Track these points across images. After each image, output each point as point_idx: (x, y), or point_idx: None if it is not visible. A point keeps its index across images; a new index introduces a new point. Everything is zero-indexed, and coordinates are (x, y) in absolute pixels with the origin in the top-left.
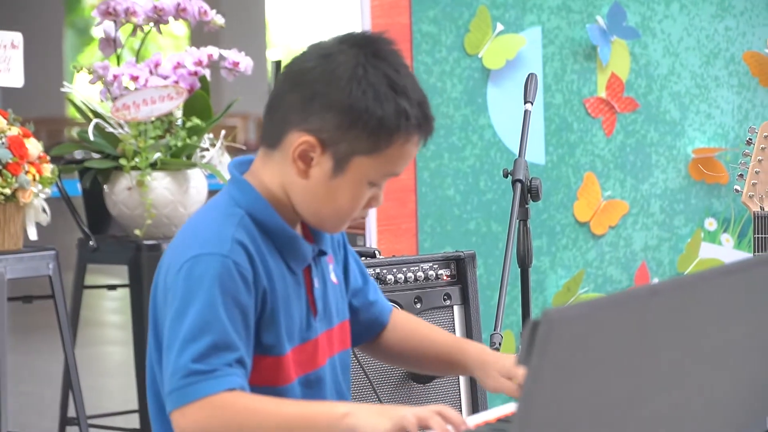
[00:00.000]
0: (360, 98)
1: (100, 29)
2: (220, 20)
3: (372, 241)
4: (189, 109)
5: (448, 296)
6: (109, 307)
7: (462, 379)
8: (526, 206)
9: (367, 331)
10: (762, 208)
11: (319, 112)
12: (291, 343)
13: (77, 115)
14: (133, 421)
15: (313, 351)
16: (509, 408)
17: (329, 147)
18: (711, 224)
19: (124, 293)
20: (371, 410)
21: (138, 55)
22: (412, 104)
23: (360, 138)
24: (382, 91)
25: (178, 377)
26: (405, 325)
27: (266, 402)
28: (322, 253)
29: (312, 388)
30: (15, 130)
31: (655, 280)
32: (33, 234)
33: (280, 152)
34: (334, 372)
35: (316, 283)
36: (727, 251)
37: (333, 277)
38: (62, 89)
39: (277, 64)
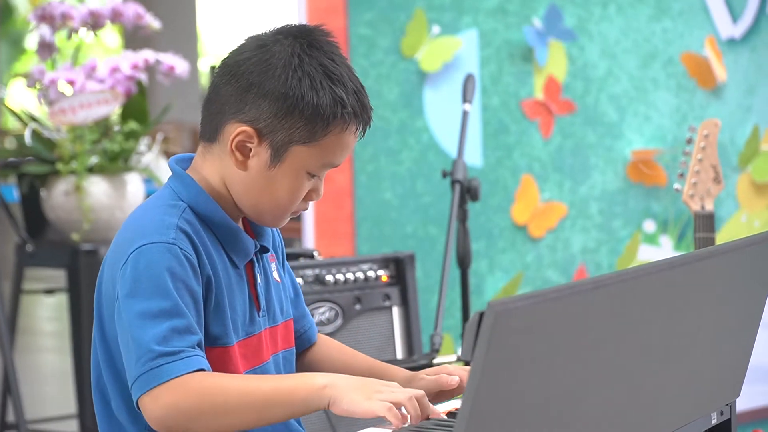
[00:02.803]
0: (295, 86)
1: (33, 40)
2: (155, 24)
3: (309, 244)
4: (126, 114)
5: (388, 297)
6: (45, 316)
7: None
8: (465, 207)
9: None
10: (703, 207)
11: (255, 101)
12: (236, 336)
13: (11, 126)
14: (72, 425)
15: (257, 346)
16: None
17: (266, 137)
18: (650, 226)
19: (60, 301)
20: (351, 384)
21: (74, 60)
22: (348, 92)
23: (296, 127)
24: (318, 80)
25: (143, 362)
26: (332, 345)
27: (238, 380)
28: (264, 249)
29: None
30: None
31: None
32: None
33: (218, 145)
34: (277, 370)
35: (259, 279)
36: (666, 253)
37: (276, 276)
38: None
39: (213, 69)
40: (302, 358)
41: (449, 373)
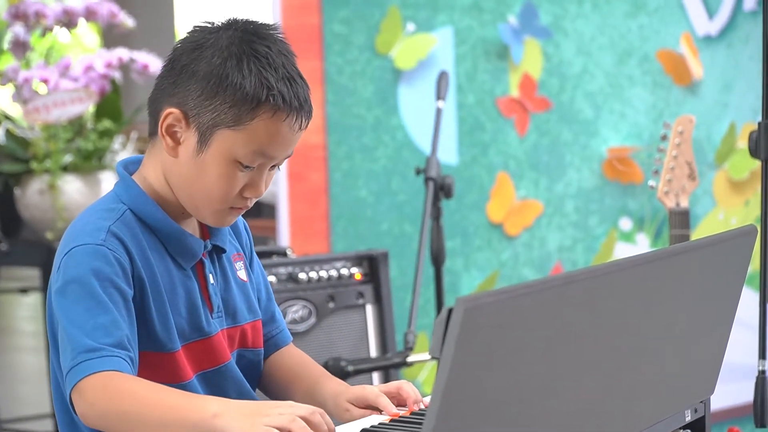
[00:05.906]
0: (220, 65)
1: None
2: (129, 22)
3: (284, 243)
4: (100, 112)
5: (361, 295)
6: (22, 315)
7: (375, 377)
8: (439, 204)
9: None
10: (678, 204)
11: (185, 83)
12: (183, 340)
13: None
14: (47, 425)
15: (211, 348)
16: (374, 419)
17: (193, 119)
18: (626, 224)
19: (36, 301)
20: (241, 411)
21: (48, 58)
22: (279, 78)
23: (222, 109)
24: (246, 62)
25: (69, 359)
26: (291, 357)
27: (148, 389)
28: (219, 249)
29: (212, 386)
30: None
31: None
32: None
33: (158, 137)
34: (239, 370)
35: (211, 279)
36: (642, 250)
37: (242, 275)
38: None
39: None
40: (266, 365)
41: (398, 393)
